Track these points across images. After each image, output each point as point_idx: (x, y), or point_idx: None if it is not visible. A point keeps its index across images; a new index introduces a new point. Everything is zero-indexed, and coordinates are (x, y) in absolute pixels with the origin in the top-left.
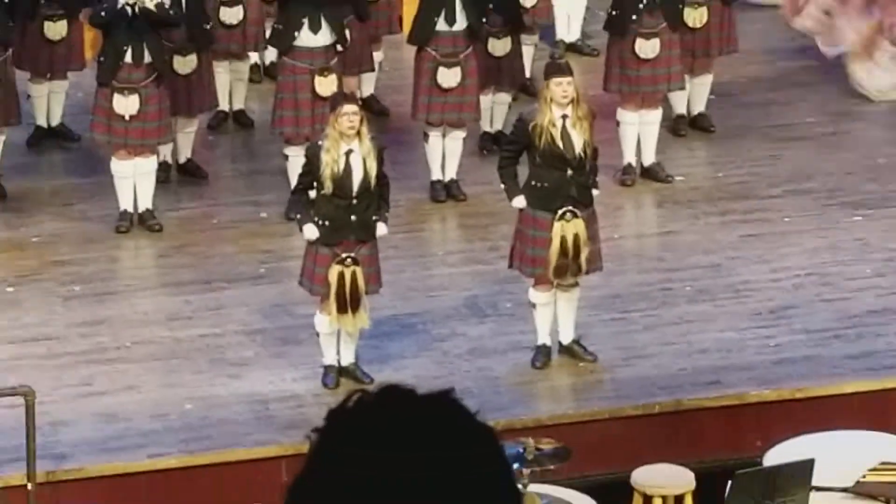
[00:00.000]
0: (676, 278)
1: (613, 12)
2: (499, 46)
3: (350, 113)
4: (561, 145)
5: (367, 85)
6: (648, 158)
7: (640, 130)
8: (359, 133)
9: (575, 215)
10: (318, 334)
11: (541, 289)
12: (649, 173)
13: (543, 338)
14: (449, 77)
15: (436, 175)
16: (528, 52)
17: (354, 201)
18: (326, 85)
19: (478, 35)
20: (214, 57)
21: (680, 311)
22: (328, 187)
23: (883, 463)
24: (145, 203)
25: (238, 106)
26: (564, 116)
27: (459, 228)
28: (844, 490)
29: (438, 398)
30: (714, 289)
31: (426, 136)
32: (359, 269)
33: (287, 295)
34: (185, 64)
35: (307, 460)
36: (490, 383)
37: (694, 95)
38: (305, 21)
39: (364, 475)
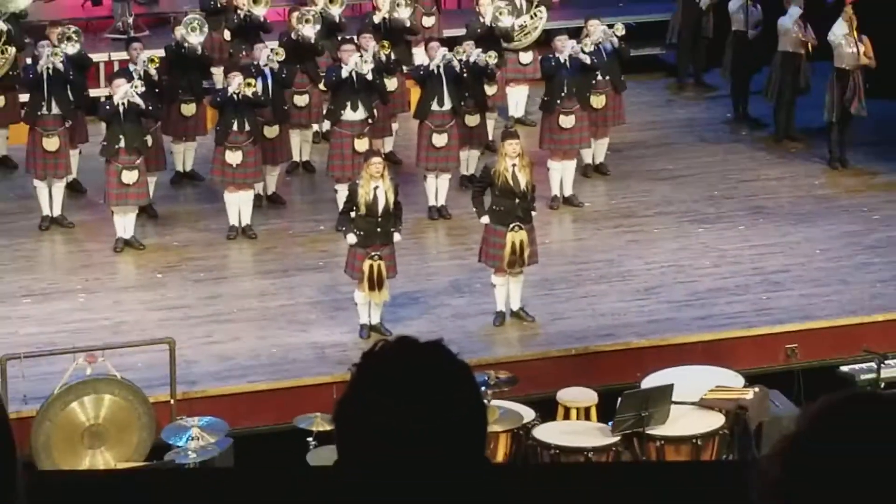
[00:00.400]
0: (585, 268)
1: (545, 98)
2: (471, 120)
3: (376, 162)
4: (512, 183)
5: (388, 145)
6: (567, 192)
7: (562, 174)
8: (382, 175)
9: (521, 228)
10: (356, 304)
11: (499, 275)
12: (568, 201)
13: (500, 306)
14: (440, 140)
15: (431, 202)
16: (490, 123)
17: (379, 219)
18: (361, 144)
19: (458, 112)
20: (290, 127)
21: (587, 289)
22: (363, 210)
23: (717, 386)
24: (246, 220)
25: (305, 158)
26: (514, 164)
27: (447, 236)
28: (693, 403)
29: (433, 345)
30: (609, 275)
31: (425, 177)
32: (383, 263)
33: (337, 279)
34: (271, 131)
35: (348, 386)
36: (466, 335)
37: (596, 151)
38: (348, 104)
39: (384, 422)
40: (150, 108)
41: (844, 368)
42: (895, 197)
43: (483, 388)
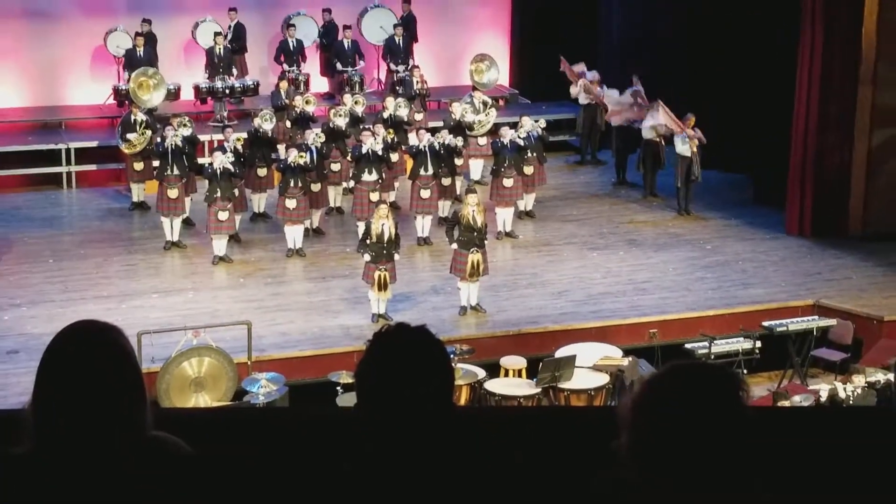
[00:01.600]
0: (519, 278)
1: (494, 167)
2: (446, 181)
3: (384, 207)
4: (472, 222)
5: (392, 196)
6: (508, 228)
7: (504, 217)
8: (387, 216)
9: (478, 251)
10: (369, 300)
11: (462, 282)
12: (508, 235)
13: (464, 302)
14: (425, 193)
15: (419, 234)
16: (458, 183)
17: (385, 245)
18: (375, 196)
19: (437, 176)
20: (328, 184)
21: (519, 292)
22: (374, 238)
23: (604, 356)
24: (298, 244)
25: (338, 205)
26: (474, 210)
27: (429, 257)
28: (588, 367)
29: (421, 328)
30: (534, 283)
31: (415, 218)
32: (387, 273)
33: (357, 283)
34: (315, 186)
35: (364, 353)
36: (442, 322)
37: (527, 202)
38: (366, 169)
39: (388, 377)
40: (237, 171)
41: (687, 346)
42: (721, 234)
43: (451, 356)
